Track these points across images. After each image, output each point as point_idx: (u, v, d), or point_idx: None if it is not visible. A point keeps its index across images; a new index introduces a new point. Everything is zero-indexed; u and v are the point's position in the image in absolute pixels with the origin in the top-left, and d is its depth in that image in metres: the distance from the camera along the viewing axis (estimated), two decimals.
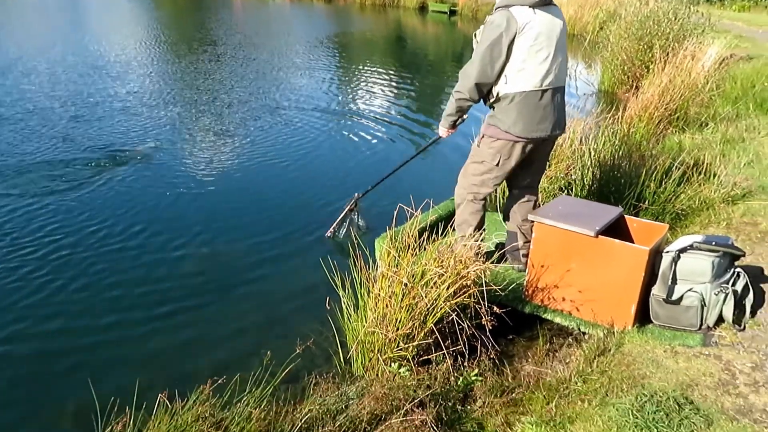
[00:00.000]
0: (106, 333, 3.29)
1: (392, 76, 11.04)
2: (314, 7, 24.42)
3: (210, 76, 9.84)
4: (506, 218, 3.64)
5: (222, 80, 9.56)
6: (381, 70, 11.63)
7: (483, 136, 3.29)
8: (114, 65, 10.23)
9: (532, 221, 3.21)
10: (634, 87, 8.46)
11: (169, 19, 19.14)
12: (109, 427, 2.09)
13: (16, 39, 12.96)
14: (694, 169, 4.41)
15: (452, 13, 22.69)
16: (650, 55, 8.24)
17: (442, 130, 3.45)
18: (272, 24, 18.76)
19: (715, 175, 4.41)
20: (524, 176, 3.44)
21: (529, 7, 2.98)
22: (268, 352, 2.67)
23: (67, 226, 4.39)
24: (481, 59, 3.04)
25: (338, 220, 4.45)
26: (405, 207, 3.07)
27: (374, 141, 6.89)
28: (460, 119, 3.37)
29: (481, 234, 3.31)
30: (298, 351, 2.62)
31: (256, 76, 10.08)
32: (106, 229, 4.37)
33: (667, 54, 7.51)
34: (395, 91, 9.88)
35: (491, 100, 3.19)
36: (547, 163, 3.56)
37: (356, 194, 4.44)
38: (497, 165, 3.25)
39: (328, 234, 4.44)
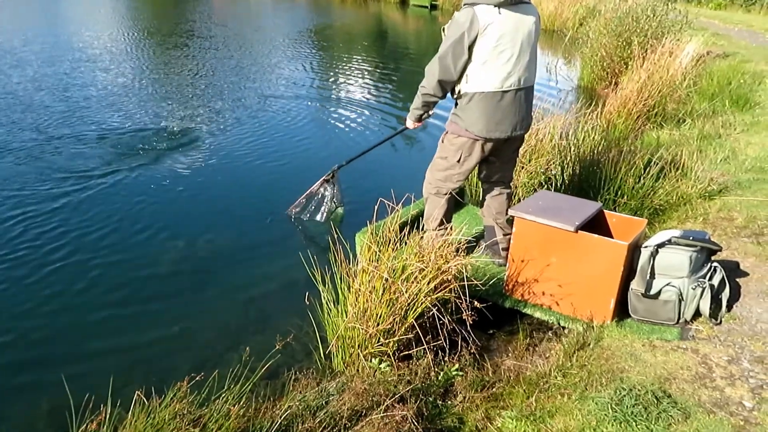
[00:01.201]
0: (81, 330, 3.23)
1: (374, 69, 11.02)
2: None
3: (193, 69, 9.70)
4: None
5: (205, 73, 9.44)
6: (363, 63, 11.59)
7: (447, 133, 3.34)
8: (96, 58, 10.00)
9: (511, 216, 3.22)
10: (613, 83, 8.53)
11: (149, 12, 18.82)
12: (84, 425, 2.04)
13: None
14: (672, 164, 4.46)
15: (433, 7, 22.64)
16: (629, 52, 8.30)
17: (409, 122, 3.53)
18: (253, 17, 18.56)
19: (692, 171, 4.46)
20: (493, 171, 3.48)
21: (495, 6, 2.96)
22: (247, 348, 2.64)
23: (40, 222, 4.29)
24: (443, 57, 3.07)
25: (306, 194, 4.43)
26: (386, 201, 3.05)
27: (358, 134, 6.85)
28: (426, 114, 3.43)
29: (448, 228, 3.34)
30: (277, 347, 2.59)
31: (238, 69, 9.96)
32: (79, 226, 4.28)
33: (646, 51, 7.57)
34: (378, 83, 9.85)
35: (455, 96, 3.23)
36: (517, 158, 3.60)
37: (334, 166, 4.44)
38: (458, 162, 3.29)
39: (290, 211, 4.45)
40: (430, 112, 3.44)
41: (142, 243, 4.11)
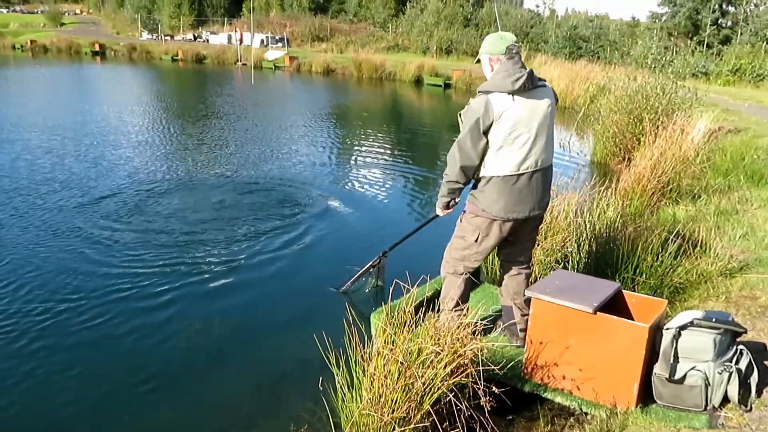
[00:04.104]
0: (87, 411, 3.18)
1: (395, 147, 11.30)
2: (313, 79, 25.15)
3: (224, 150, 10.04)
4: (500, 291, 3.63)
5: (233, 153, 9.73)
6: (384, 140, 11.89)
7: (465, 212, 3.36)
8: (147, 143, 10.30)
9: (528, 296, 3.18)
10: (626, 159, 8.61)
11: (175, 94, 19.62)
12: None
13: (19, 114, 13.22)
14: (690, 241, 4.41)
15: (447, 86, 23.36)
16: (641, 128, 8.43)
17: (439, 210, 3.51)
18: (276, 98, 19.21)
19: (711, 248, 4.40)
20: (511, 251, 3.47)
21: (508, 93, 3.03)
22: None
23: (54, 292, 4.32)
24: (462, 144, 3.13)
25: (357, 275, 4.58)
26: (401, 282, 3.04)
27: (379, 216, 6.91)
28: (452, 201, 3.41)
29: (464, 309, 3.30)
30: None
31: (268, 150, 10.25)
32: (89, 297, 4.30)
33: (657, 127, 7.67)
34: (399, 159, 10.04)
35: (474, 179, 3.26)
36: (536, 237, 3.59)
37: (383, 251, 4.60)
38: (476, 241, 3.28)
39: (344, 289, 4.59)
40: (457, 199, 3.42)
41: (152, 321, 4.09)
